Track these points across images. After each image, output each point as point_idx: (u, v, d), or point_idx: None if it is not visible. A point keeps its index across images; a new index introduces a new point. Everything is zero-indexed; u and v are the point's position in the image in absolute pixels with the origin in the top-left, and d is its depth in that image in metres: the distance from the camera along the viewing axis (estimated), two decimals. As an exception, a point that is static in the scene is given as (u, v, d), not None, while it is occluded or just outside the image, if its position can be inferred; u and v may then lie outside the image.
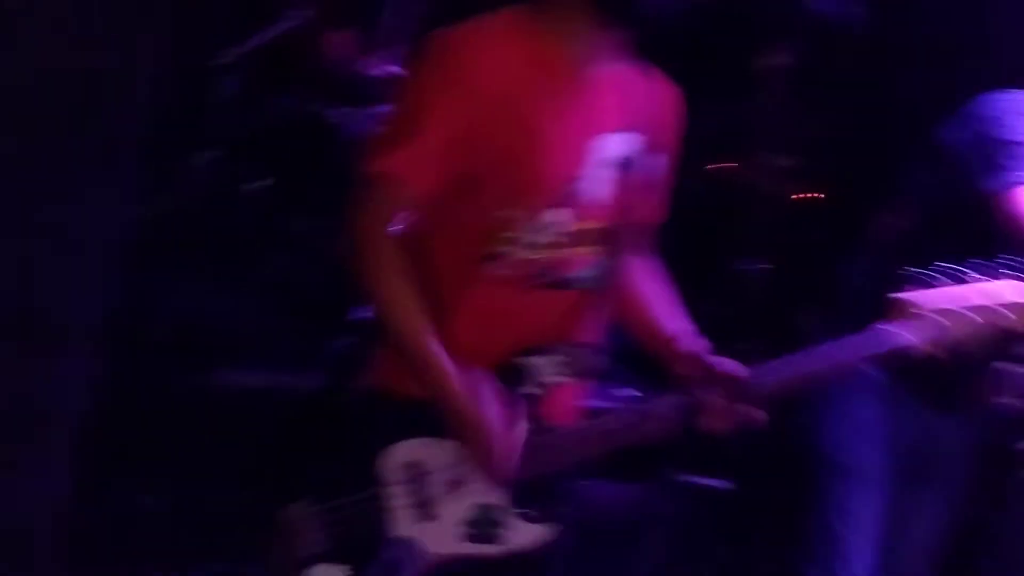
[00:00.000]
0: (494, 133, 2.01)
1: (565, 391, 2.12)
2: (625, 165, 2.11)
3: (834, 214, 4.95)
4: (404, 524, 2.02)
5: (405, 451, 2.04)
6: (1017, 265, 2.09)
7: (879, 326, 2.10)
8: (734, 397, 2.06)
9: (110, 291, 2.03)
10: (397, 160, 2.01)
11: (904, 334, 2.07)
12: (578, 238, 2.10)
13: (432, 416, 2.00)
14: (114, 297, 2.04)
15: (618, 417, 2.13)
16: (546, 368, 2.07)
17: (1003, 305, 2.04)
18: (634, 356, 2.26)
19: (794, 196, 4.88)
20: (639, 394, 2.25)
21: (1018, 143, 2.65)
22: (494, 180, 2.03)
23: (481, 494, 2.03)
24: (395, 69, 4.46)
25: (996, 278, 2.07)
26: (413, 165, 2.00)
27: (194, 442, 3.14)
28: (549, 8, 2.08)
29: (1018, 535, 3.84)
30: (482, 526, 2.03)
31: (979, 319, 2.02)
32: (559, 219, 2.07)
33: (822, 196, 5.01)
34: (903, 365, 2.58)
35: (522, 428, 2.02)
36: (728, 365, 2.10)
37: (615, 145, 2.11)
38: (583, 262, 2.12)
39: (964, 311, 2.03)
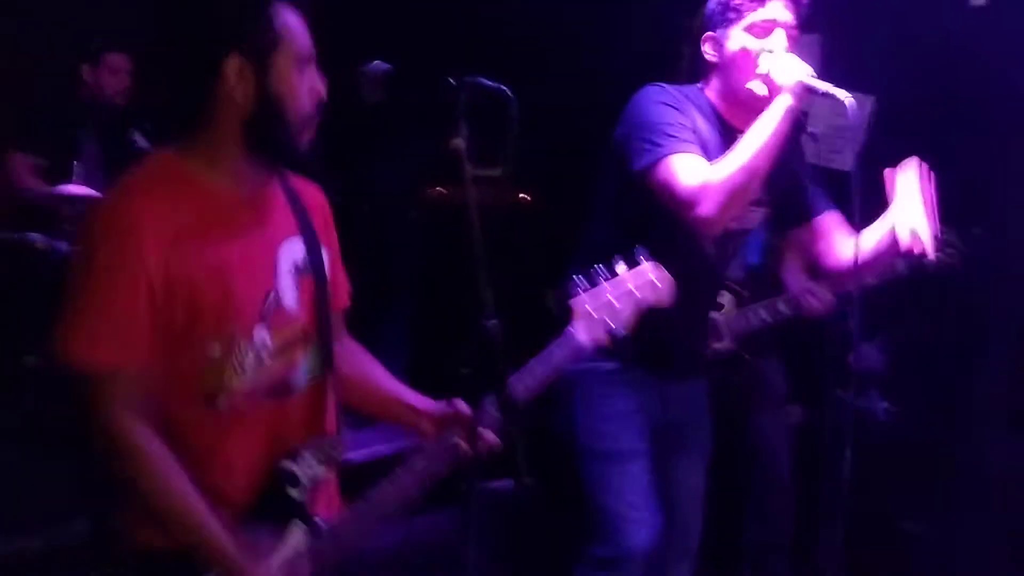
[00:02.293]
0: (180, 279, 2.04)
1: (326, 483, 2.28)
2: (304, 267, 2.24)
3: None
4: None
5: None
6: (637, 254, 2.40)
7: (568, 329, 2.36)
8: (474, 426, 2.25)
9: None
10: (103, 350, 2.02)
11: (578, 333, 2.35)
12: (286, 346, 2.20)
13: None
14: None
15: (390, 485, 2.29)
16: (305, 468, 2.23)
17: (636, 288, 2.37)
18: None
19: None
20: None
21: (664, 123, 2.86)
22: (200, 319, 2.07)
23: None
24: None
25: (631, 267, 2.39)
26: (121, 348, 2.02)
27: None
28: (197, 145, 2.12)
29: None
30: None
31: (619, 305, 2.36)
32: (265, 335, 2.16)
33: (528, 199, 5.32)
34: (626, 351, 2.88)
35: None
36: (458, 405, 2.32)
37: (292, 251, 2.22)
38: (297, 365, 2.23)
39: (611, 303, 2.35)
